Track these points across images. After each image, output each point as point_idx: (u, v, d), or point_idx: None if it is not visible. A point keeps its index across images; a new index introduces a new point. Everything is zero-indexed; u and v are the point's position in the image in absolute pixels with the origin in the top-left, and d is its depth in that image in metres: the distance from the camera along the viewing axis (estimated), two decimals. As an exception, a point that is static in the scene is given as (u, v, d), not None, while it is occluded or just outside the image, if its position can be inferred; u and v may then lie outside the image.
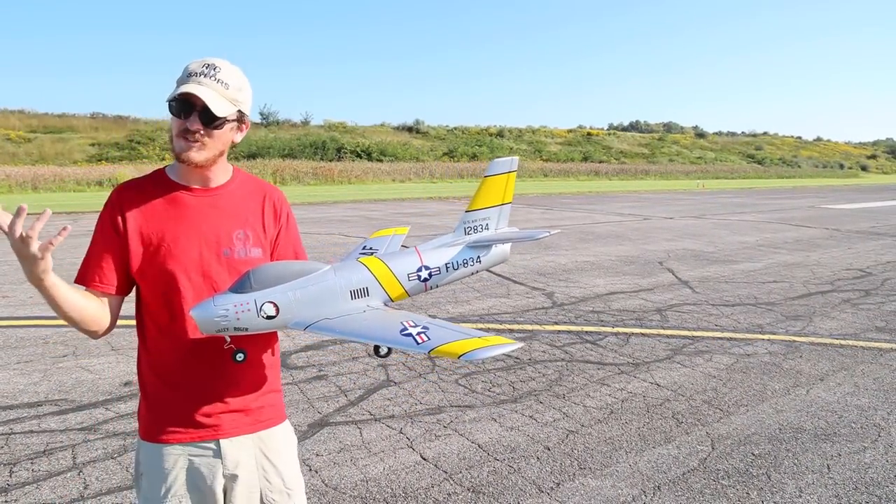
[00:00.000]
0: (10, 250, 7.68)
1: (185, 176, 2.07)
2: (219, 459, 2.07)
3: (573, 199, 32.45)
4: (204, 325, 1.89)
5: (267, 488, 2.15)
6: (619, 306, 8.76)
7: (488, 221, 2.49)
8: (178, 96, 1.91)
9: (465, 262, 2.39)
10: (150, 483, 2.06)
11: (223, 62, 1.98)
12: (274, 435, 2.19)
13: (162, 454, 2.05)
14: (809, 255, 13.63)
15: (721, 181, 61.87)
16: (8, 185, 32.32)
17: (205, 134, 1.95)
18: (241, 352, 2.01)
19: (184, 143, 1.95)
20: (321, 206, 26.34)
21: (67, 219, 19.94)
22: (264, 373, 2.17)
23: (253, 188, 2.19)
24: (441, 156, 61.70)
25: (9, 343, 6.73)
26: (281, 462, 2.19)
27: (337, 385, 5.61)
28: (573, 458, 4.35)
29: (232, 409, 2.09)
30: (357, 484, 3.99)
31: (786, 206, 29.85)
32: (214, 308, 1.88)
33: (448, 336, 1.84)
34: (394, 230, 3.02)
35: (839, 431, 4.82)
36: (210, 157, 2.00)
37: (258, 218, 2.16)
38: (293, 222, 2.29)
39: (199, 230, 2.04)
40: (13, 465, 4.13)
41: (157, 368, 2.07)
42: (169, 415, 2.05)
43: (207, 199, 2.08)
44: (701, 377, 5.95)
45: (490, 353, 1.75)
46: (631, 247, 14.73)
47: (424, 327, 1.90)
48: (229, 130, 2.02)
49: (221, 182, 2.12)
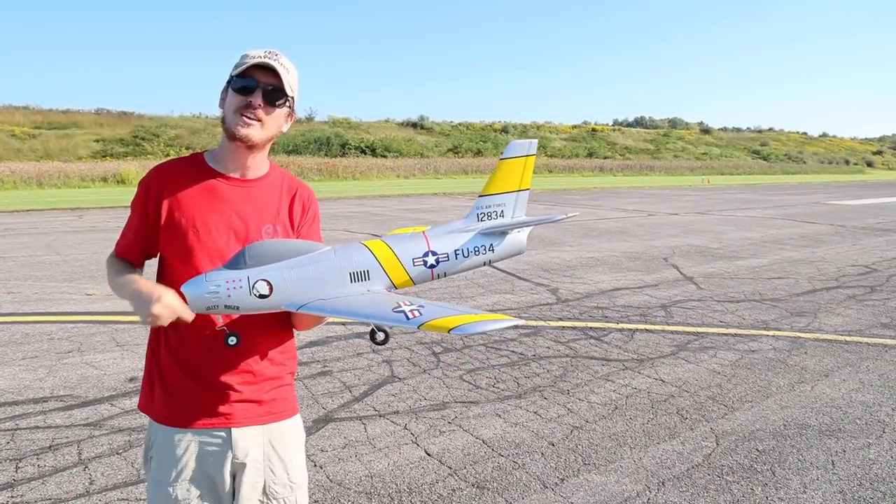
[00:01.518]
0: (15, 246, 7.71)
1: (226, 163, 2.10)
2: (229, 448, 2.09)
3: (578, 195, 32.42)
4: (193, 303, 1.83)
5: (271, 479, 2.16)
6: (623, 302, 8.75)
7: (503, 208, 2.29)
8: (245, 71, 1.98)
9: (477, 251, 2.21)
10: (159, 466, 2.09)
11: (282, 53, 2.05)
12: (283, 428, 2.21)
13: (174, 439, 2.07)
14: (815, 251, 13.60)
15: (726, 177, 61.76)
16: (13, 182, 32.40)
17: (265, 112, 2.01)
18: (233, 335, 1.95)
19: (242, 120, 1.99)
20: (325, 202, 26.35)
21: (72, 215, 19.99)
22: (279, 366, 2.18)
23: (286, 183, 2.22)
24: (446, 152, 61.70)
25: (14, 339, 6.75)
26: (287, 455, 2.20)
27: (341, 381, 5.62)
28: (577, 454, 4.35)
29: (245, 399, 2.10)
30: (362, 479, 4.00)
31: (791, 202, 29.76)
32: (206, 283, 1.81)
33: (442, 312, 1.76)
34: (412, 229, 2.94)
35: (844, 427, 4.82)
36: (265, 138, 2.05)
37: (287, 213, 2.18)
38: (318, 222, 2.32)
39: (230, 220, 2.06)
40: (19, 460, 4.14)
41: (179, 355, 2.08)
42: (185, 401, 2.07)
43: (242, 190, 2.10)
44: (705, 373, 5.94)
45: (482, 327, 1.67)
46: (635, 243, 14.70)
47: (420, 306, 1.81)
48: (283, 116, 2.09)
49: (259, 175, 2.15)
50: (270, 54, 2.01)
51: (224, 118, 2.04)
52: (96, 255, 12.08)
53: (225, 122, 2.04)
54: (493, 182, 2.28)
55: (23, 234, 15.35)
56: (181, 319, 1.89)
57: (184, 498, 2.07)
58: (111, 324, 7.31)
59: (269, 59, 1.98)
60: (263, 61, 1.97)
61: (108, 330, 7.09)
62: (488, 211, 2.27)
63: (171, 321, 1.88)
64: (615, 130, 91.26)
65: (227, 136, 2.04)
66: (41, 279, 9.93)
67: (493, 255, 2.26)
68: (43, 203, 23.79)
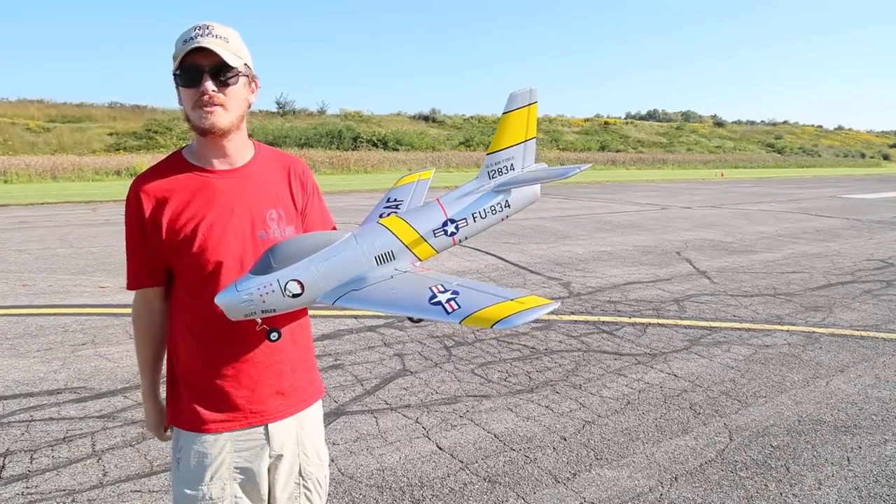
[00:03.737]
0: (30, 238, 7.76)
1: (207, 156, 1.99)
2: (266, 443, 2.07)
3: (590, 189, 32.28)
4: (231, 312, 1.83)
5: (305, 462, 2.17)
6: (636, 296, 8.72)
7: (512, 161, 2.28)
8: (183, 61, 1.84)
9: (493, 209, 2.21)
10: (189, 468, 2.03)
11: (212, 22, 1.89)
12: (308, 410, 2.20)
13: (206, 440, 2.02)
14: (830, 245, 13.49)
15: (740, 170, 61.38)
16: (28, 175, 32.60)
17: (221, 93, 1.87)
18: (274, 331, 1.96)
19: (203, 112, 1.87)
20: (337, 195, 26.34)
21: (86, 208, 20.11)
22: (303, 354, 2.17)
23: (276, 163, 2.14)
24: (457, 145, 61.59)
25: (28, 331, 6.80)
26: (315, 434, 2.22)
27: (353, 374, 5.62)
28: (590, 449, 4.34)
29: (277, 393, 2.07)
30: (373, 473, 4.00)
31: (806, 195, 29.53)
32: (238, 293, 1.81)
33: (480, 300, 1.72)
34: (418, 175, 2.85)
35: (860, 423, 4.77)
36: (233, 121, 1.92)
37: (287, 193, 2.10)
38: (318, 191, 2.26)
39: (232, 214, 1.97)
40: (34, 451, 4.17)
41: (204, 359, 2.02)
42: (217, 404, 2.01)
43: (234, 179, 2.00)
44: (719, 368, 5.91)
45: (525, 317, 1.63)
46: (648, 236, 14.63)
47: (454, 292, 1.79)
48: (243, 87, 1.94)
49: (246, 160, 2.05)
50: (201, 30, 1.85)
51: (187, 116, 1.91)
52: (110, 248, 12.14)
53: (189, 120, 1.91)
54: (500, 137, 2.27)
55: (37, 226, 15.45)
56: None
57: (218, 496, 2.02)
58: (124, 316, 7.34)
59: (200, 40, 1.82)
60: (195, 45, 1.82)
61: (121, 322, 7.13)
62: (498, 167, 2.27)
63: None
64: (628, 123, 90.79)
65: (197, 132, 1.92)
66: (55, 272, 9.99)
67: (510, 210, 2.27)
68: (57, 196, 23.93)
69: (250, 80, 1.99)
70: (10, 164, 33.56)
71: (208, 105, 1.86)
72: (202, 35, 1.84)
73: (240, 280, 1.85)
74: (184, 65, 1.85)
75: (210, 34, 1.85)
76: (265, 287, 1.82)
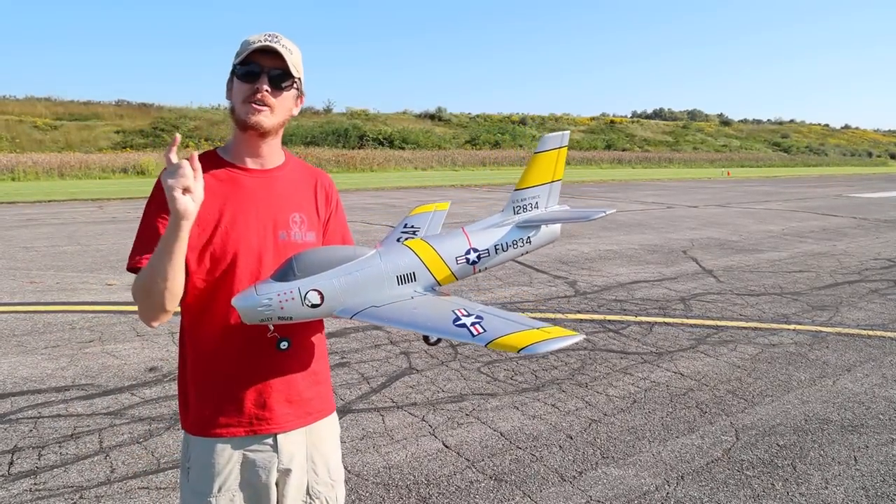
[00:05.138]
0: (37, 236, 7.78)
1: (241, 153, 2.05)
2: (275, 454, 2.04)
3: (596, 188, 32.25)
4: (247, 315, 1.83)
5: (314, 480, 2.13)
6: (642, 295, 8.70)
7: (538, 200, 2.37)
8: (247, 58, 1.93)
9: (515, 244, 2.28)
10: (199, 477, 2.01)
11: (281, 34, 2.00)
12: (322, 425, 2.16)
13: (215, 449, 2.00)
14: (836, 244, 13.44)
15: (746, 169, 61.24)
16: (35, 172, 32.72)
17: (273, 96, 1.95)
18: (284, 340, 1.95)
19: (251, 108, 1.94)
20: (343, 193, 26.27)
21: (93, 205, 20.17)
22: (315, 364, 2.14)
23: (305, 172, 2.19)
24: (463, 143, 61.62)
25: (36, 328, 6.83)
26: (327, 452, 2.17)
27: (359, 372, 5.63)
28: (596, 447, 4.34)
29: (286, 401, 2.05)
30: (380, 471, 4.00)
31: (812, 194, 29.45)
32: (257, 297, 1.81)
33: (504, 327, 1.72)
34: (434, 206, 2.90)
35: (867, 423, 4.76)
36: (276, 124, 2.00)
37: (311, 202, 2.14)
38: (342, 208, 2.29)
39: (256, 211, 2.01)
40: (42, 448, 4.19)
41: (213, 360, 2.01)
42: (224, 408, 2.00)
43: (263, 179, 2.05)
44: (725, 367, 5.90)
45: (551, 346, 1.63)
46: (654, 235, 14.61)
47: (478, 317, 1.80)
48: (292, 97, 2.03)
49: (277, 164, 2.10)
50: (271, 37, 1.95)
51: (233, 109, 1.99)
52: (117, 245, 12.19)
53: (234, 113, 1.98)
54: (528, 175, 2.35)
55: (45, 224, 15.51)
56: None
57: None
58: (131, 314, 7.37)
59: (270, 42, 1.93)
60: (265, 45, 1.92)
61: (128, 320, 7.15)
62: (524, 203, 2.35)
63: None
64: (634, 122, 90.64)
65: (239, 126, 1.99)
66: (63, 269, 10.03)
67: (530, 245, 2.33)
68: (64, 194, 24.02)
69: (299, 95, 2.08)
70: (17, 161, 33.71)
71: (258, 103, 1.94)
72: (271, 41, 1.94)
73: (260, 284, 1.86)
74: (247, 61, 1.94)
75: (278, 42, 1.95)
76: (285, 294, 1.83)
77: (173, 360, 5.79)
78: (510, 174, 43.21)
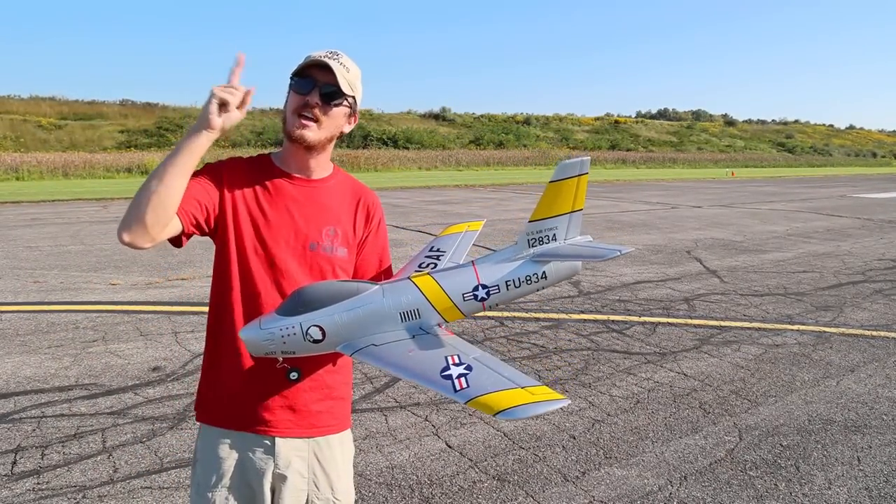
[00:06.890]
0: (42, 235, 7.79)
1: (289, 163, 2.11)
2: (271, 456, 2.06)
3: (600, 188, 32.21)
4: (252, 347, 1.85)
5: (315, 494, 2.13)
6: (645, 295, 8.70)
7: (555, 231, 2.14)
8: (303, 69, 1.98)
9: (529, 279, 2.09)
10: (203, 470, 2.08)
11: (343, 53, 2.04)
12: (331, 442, 2.17)
13: (218, 442, 2.07)
14: (840, 244, 13.41)
15: (751, 170, 61.14)
16: (39, 172, 32.82)
17: (322, 111, 1.99)
18: (294, 370, 1.98)
19: (299, 121, 1.98)
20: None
21: (98, 205, 20.21)
22: (328, 377, 2.14)
23: (350, 188, 2.22)
24: (467, 143, 61.68)
25: (40, 328, 6.84)
26: (333, 470, 2.16)
27: (363, 372, 5.63)
28: (599, 448, 4.33)
29: (288, 408, 2.06)
30: (383, 471, 4.01)
31: (817, 195, 29.38)
32: (261, 331, 1.83)
33: (490, 382, 1.66)
34: (467, 225, 2.75)
35: (870, 423, 4.75)
36: (322, 140, 2.04)
37: (350, 218, 2.17)
38: (384, 228, 2.29)
39: (292, 218, 2.06)
40: (45, 447, 4.20)
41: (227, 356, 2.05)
42: (231, 401, 2.05)
43: (306, 189, 2.10)
44: (729, 367, 5.89)
45: (532, 411, 1.57)
46: (658, 235, 14.59)
47: (468, 367, 1.73)
48: (343, 115, 2.07)
49: (323, 176, 2.15)
50: (331, 54, 1.99)
51: (284, 119, 2.04)
52: (120, 245, 12.16)
53: (285, 123, 2.03)
54: (544, 205, 2.12)
55: (49, 223, 15.55)
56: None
57: None
58: (135, 313, 7.39)
59: (327, 59, 1.96)
60: (321, 60, 1.95)
61: (131, 320, 7.17)
62: (539, 236, 2.14)
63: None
64: (638, 122, 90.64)
65: (286, 136, 2.04)
66: (67, 269, 10.05)
67: (546, 281, 2.14)
68: (69, 193, 24.07)
69: (352, 113, 2.12)
70: (22, 161, 33.84)
71: (307, 116, 1.99)
72: (331, 58, 1.97)
73: (264, 318, 1.87)
74: (303, 73, 1.99)
75: (336, 60, 1.99)
76: (287, 329, 1.83)
77: (176, 360, 5.81)
78: (514, 174, 43.23)
